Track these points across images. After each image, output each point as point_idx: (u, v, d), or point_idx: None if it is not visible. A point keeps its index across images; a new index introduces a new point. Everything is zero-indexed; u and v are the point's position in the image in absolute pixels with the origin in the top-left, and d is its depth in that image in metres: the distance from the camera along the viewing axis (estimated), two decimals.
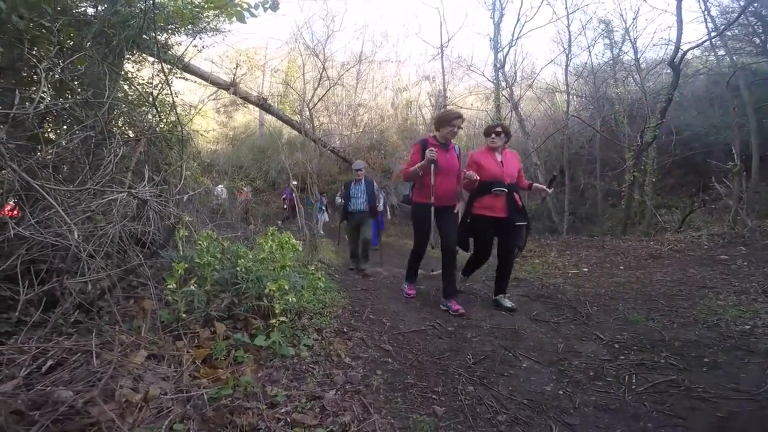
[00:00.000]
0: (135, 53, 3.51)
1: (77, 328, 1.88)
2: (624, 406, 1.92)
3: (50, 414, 1.32)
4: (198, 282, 2.33)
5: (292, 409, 1.73)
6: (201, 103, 5.89)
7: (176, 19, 3.72)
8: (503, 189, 3.52)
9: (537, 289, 4.30)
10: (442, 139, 3.63)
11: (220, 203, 9.79)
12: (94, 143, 2.53)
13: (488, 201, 3.56)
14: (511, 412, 1.88)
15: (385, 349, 2.54)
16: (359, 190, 6.06)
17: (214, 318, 2.25)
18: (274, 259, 2.60)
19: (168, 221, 2.67)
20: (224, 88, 9.35)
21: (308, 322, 2.66)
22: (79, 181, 2.24)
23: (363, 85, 17.73)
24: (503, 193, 3.53)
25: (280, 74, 16.79)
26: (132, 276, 2.39)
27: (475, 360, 2.45)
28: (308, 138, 9.32)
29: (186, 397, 1.62)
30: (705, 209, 9.44)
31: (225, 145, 18.49)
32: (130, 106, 3.27)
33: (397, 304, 3.58)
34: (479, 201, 3.61)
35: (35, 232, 1.83)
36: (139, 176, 2.63)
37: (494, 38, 13.43)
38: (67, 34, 2.84)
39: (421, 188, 3.63)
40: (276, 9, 3.40)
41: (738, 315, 2.95)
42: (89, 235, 2.03)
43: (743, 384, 2.07)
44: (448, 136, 3.61)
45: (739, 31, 9.98)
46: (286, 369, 2.07)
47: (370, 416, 1.75)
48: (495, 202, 3.55)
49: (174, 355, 1.88)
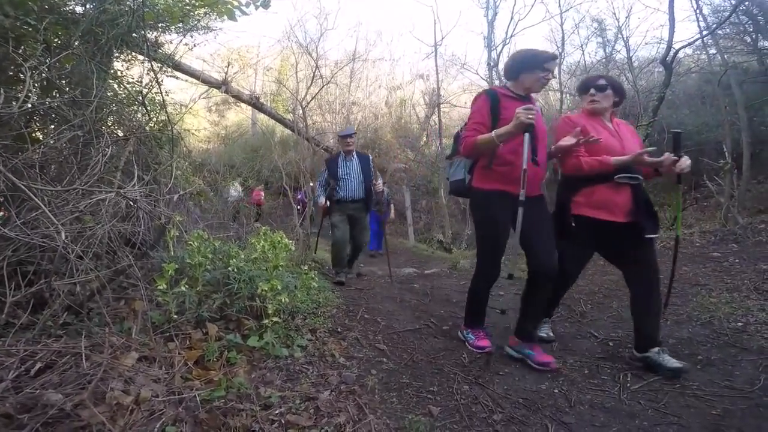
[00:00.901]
0: (124, 52, 3.47)
1: (66, 330, 1.85)
2: (619, 405, 1.92)
3: (39, 417, 1.30)
4: (189, 283, 2.30)
5: (286, 410, 1.70)
6: (192, 102, 5.83)
7: (166, 17, 3.67)
8: (634, 177, 2.32)
9: None
10: (524, 91, 2.44)
11: (236, 201, 9.84)
12: (82, 143, 2.49)
13: (603, 195, 2.33)
14: (507, 411, 1.88)
15: (380, 348, 2.53)
16: (351, 168, 4.36)
17: (206, 319, 2.22)
18: (266, 258, 2.57)
19: (158, 221, 2.64)
20: (216, 86, 9.28)
21: (302, 322, 2.63)
22: (67, 181, 2.20)
23: (357, 84, 17.65)
24: (632, 184, 2.34)
25: (272, 73, 16.73)
26: (122, 277, 2.35)
27: (471, 359, 2.44)
28: (301, 137, 9.27)
29: (178, 399, 1.60)
30: (697, 207, 9.52)
31: (217, 144, 18.37)
32: (120, 105, 3.23)
33: (392, 304, 3.56)
34: (587, 194, 2.37)
35: (22, 233, 1.80)
36: (128, 176, 2.59)
37: (488, 36, 13.38)
38: (54, 32, 2.80)
39: (493, 167, 2.40)
40: (267, 7, 3.38)
41: (730, 312, 2.97)
42: (77, 236, 1.99)
43: (737, 381, 2.08)
44: (535, 87, 2.43)
45: (731, 29, 10.03)
46: (279, 370, 2.05)
47: (365, 417, 1.73)
48: (615, 198, 2.32)
49: (165, 357, 1.86)
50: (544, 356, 2.32)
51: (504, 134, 2.25)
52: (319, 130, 13.29)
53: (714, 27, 8.69)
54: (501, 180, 2.39)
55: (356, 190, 4.32)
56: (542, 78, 2.36)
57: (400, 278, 5.03)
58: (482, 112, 2.40)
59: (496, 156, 2.37)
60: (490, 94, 2.42)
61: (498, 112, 2.37)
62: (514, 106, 2.26)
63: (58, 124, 2.58)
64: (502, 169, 2.38)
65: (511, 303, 3.62)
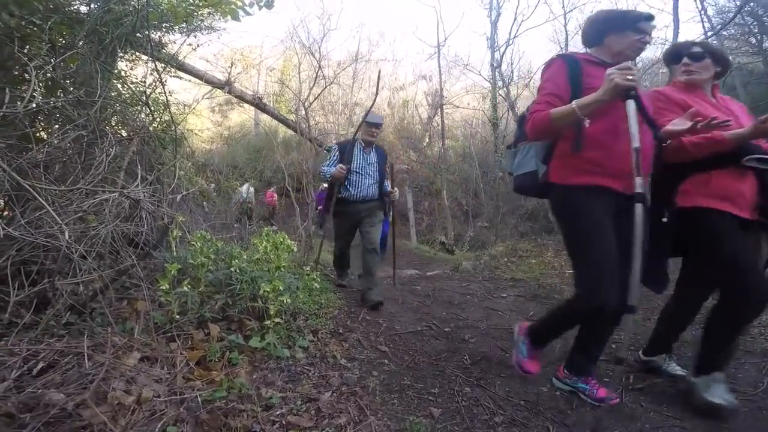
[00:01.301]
0: (128, 52, 3.48)
1: (69, 329, 1.86)
2: (621, 407, 1.91)
3: (41, 417, 1.30)
4: (191, 283, 2.30)
5: (287, 411, 1.71)
6: (195, 102, 5.84)
7: (170, 17, 3.69)
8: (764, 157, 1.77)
9: (533, 290, 4.30)
10: (611, 59, 1.84)
11: (248, 202, 9.89)
12: (86, 142, 2.50)
13: (723, 183, 1.84)
14: (508, 413, 1.87)
15: (382, 350, 2.53)
16: (369, 162, 3.59)
17: (208, 319, 2.23)
18: (268, 259, 2.57)
19: (161, 221, 2.64)
20: (219, 87, 9.30)
21: (303, 323, 2.64)
22: (71, 180, 2.21)
23: (359, 84, 17.69)
24: (762, 169, 1.80)
25: (275, 73, 16.75)
26: (125, 277, 2.36)
27: (472, 361, 2.44)
28: (304, 137, 9.29)
29: (179, 399, 1.60)
30: None
31: (220, 145, 18.42)
32: (123, 105, 3.23)
33: (394, 305, 3.56)
34: (700, 182, 1.87)
35: (26, 233, 1.81)
36: (131, 176, 2.60)
37: (491, 37, 13.42)
38: (58, 32, 2.80)
39: (580, 153, 1.78)
40: (271, 7, 3.39)
41: None
42: (81, 236, 2.00)
43: (740, 384, 2.08)
44: (628, 53, 1.84)
45: (735, 30, 10.01)
46: (281, 371, 2.06)
47: (366, 418, 1.74)
48: (739, 187, 1.85)
49: (167, 357, 1.86)
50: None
51: (590, 103, 1.67)
52: (322, 131, 13.33)
53: (719, 28, 8.65)
54: (593, 171, 1.78)
55: (370, 188, 3.54)
56: (638, 42, 1.80)
57: (402, 280, 5.03)
58: (557, 80, 1.82)
59: (584, 137, 1.76)
60: (568, 58, 1.87)
61: (580, 80, 1.79)
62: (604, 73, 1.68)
63: (62, 123, 2.59)
64: (594, 155, 1.77)
65: (512, 305, 3.62)
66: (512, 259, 5.92)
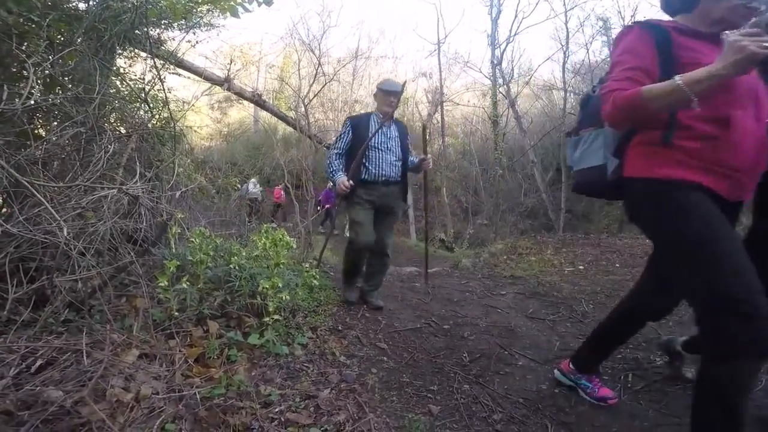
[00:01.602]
0: (127, 48, 3.47)
1: (67, 326, 1.86)
2: (620, 405, 1.91)
3: (40, 414, 1.31)
4: (190, 280, 2.30)
5: (286, 408, 1.71)
6: (194, 99, 5.82)
7: (169, 14, 3.67)
8: None
9: (533, 287, 4.29)
10: (708, 27, 1.44)
11: (255, 199, 9.88)
12: (84, 139, 2.49)
13: None
14: (507, 410, 1.88)
15: (381, 347, 2.53)
16: (389, 136, 3.03)
17: (207, 316, 2.23)
18: (268, 256, 2.57)
19: (160, 218, 2.64)
20: (218, 83, 9.27)
21: (302, 320, 2.64)
22: (70, 177, 2.20)
23: (359, 81, 17.67)
24: None
25: (275, 70, 16.75)
26: (123, 274, 2.36)
27: (471, 358, 2.44)
28: (303, 134, 9.27)
29: (178, 396, 1.60)
30: None
31: (219, 142, 18.44)
32: (122, 102, 3.23)
33: (393, 302, 3.56)
34: None
35: (24, 230, 1.80)
36: (130, 173, 2.60)
37: (491, 35, 13.37)
38: (57, 29, 2.79)
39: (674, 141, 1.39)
40: (270, 4, 3.38)
41: None
42: (80, 233, 2.00)
43: None
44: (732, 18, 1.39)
45: None
46: (279, 368, 2.06)
47: (365, 415, 1.74)
48: None
49: (166, 354, 1.86)
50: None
51: (705, 78, 1.22)
52: (322, 128, 13.32)
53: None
54: (694, 166, 1.38)
55: (392, 166, 2.98)
56: (743, 7, 1.36)
57: (402, 277, 5.03)
58: (640, 51, 1.43)
59: (681, 124, 1.38)
60: (652, 26, 1.46)
61: (671, 51, 1.40)
62: (701, 45, 1.39)
63: (60, 120, 2.58)
64: (696, 145, 1.37)
65: (511, 302, 3.62)
66: (512, 257, 5.92)
